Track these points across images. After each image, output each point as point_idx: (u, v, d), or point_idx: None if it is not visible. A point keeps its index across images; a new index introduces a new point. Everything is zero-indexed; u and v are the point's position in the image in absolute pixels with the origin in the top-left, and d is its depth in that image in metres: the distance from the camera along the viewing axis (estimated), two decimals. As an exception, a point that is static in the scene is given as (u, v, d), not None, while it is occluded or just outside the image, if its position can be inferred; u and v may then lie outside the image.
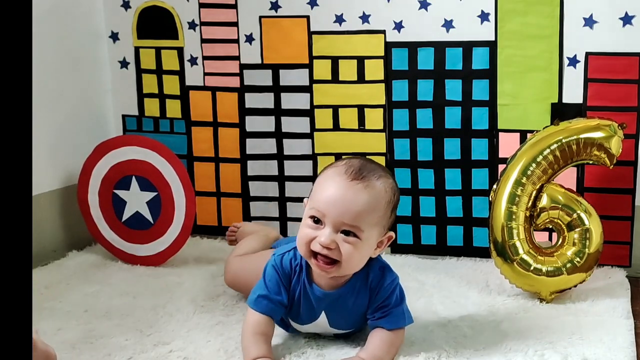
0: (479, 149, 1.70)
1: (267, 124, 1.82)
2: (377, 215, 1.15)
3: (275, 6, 1.76)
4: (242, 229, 1.63)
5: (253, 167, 1.85)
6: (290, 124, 1.81)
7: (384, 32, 1.71)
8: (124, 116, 1.92)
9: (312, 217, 1.14)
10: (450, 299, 1.46)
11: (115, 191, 1.69)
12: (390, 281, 1.21)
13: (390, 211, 1.17)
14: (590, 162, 1.47)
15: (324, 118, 1.78)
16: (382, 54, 1.72)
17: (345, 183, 1.13)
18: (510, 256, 1.44)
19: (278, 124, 1.81)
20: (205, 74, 1.84)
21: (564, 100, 1.63)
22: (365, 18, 1.71)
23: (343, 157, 1.23)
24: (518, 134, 1.67)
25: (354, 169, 1.15)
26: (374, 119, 1.75)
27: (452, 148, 1.71)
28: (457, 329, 1.31)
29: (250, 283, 1.36)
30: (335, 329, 1.25)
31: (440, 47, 1.68)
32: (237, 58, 1.81)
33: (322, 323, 1.24)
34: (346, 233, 1.13)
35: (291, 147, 1.81)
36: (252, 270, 1.37)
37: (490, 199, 1.49)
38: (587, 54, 1.60)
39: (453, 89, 1.69)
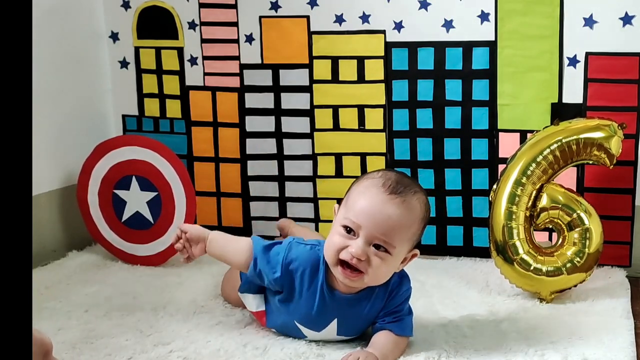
0: (479, 149, 1.70)
1: (267, 124, 1.82)
2: (411, 232, 1.15)
3: (275, 6, 1.76)
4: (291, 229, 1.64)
5: (253, 167, 1.85)
6: (290, 124, 1.80)
7: (384, 32, 1.71)
8: (124, 116, 1.92)
9: (345, 226, 1.14)
10: (450, 299, 1.46)
11: (115, 191, 1.69)
12: (406, 289, 1.23)
13: (422, 227, 1.18)
14: (590, 162, 1.47)
15: (324, 118, 1.78)
16: (382, 54, 1.72)
17: (383, 197, 1.12)
18: (510, 256, 1.44)
19: (278, 124, 1.81)
20: (205, 74, 1.84)
21: (564, 100, 1.63)
22: (365, 18, 1.71)
23: (381, 169, 1.22)
24: (518, 134, 1.67)
25: (392, 182, 1.14)
26: (374, 119, 1.75)
27: (452, 148, 1.71)
28: (457, 329, 1.31)
29: (229, 295, 1.42)
30: (341, 336, 1.25)
31: (440, 47, 1.68)
32: (237, 58, 1.81)
33: (330, 331, 1.23)
34: (377, 247, 1.13)
35: (291, 147, 1.81)
36: (231, 283, 1.40)
37: (490, 199, 1.49)
38: (587, 54, 1.60)
39: (453, 89, 1.69)
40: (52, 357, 0.82)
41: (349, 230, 1.14)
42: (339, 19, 1.73)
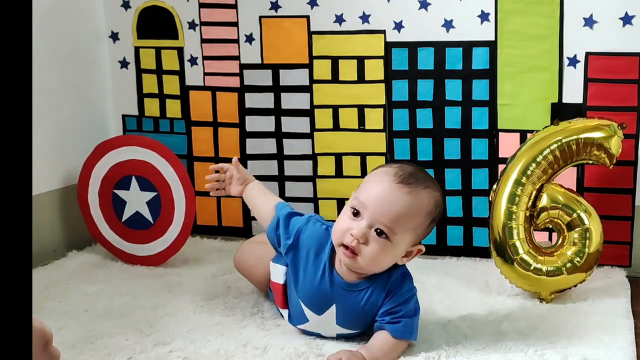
0: (479, 149, 1.70)
1: (267, 124, 1.82)
2: (414, 222, 1.17)
3: (275, 6, 1.76)
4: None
5: (253, 167, 1.85)
6: (290, 124, 1.81)
7: (384, 32, 1.71)
8: (124, 116, 1.92)
9: (353, 208, 1.18)
10: (450, 299, 1.46)
11: (115, 191, 1.69)
12: (408, 289, 1.23)
13: (428, 222, 1.19)
14: (590, 162, 1.47)
15: (324, 118, 1.78)
16: (382, 54, 1.72)
17: (392, 184, 1.16)
18: (510, 256, 1.44)
19: (278, 124, 1.81)
20: (205, 74, 1.84)
21: (564, 100, 1.63)
22: (365, 18, 1.71)
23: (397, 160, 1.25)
24: (518, 134, 1.67)
25: (404, 173, 1.17)
26: (374, 119, 1.75)
27: (452, 148, 1.71)
28: (457, 329, 1.31)
29: (253, 269, 1.44)
30: (341, 327, 1.25)
31: (440, 47, 1.68)
32: (237, 58, 1.81)
33: (329, 317, 1.24)
34: (380, 233, 1.15)
35: (291, 147, 1.81)
36: (258, 257, 1.42)
37: (490, 198, 1.49)
38: (587, 54, 1.60)
39: (453, 89, 1.69)
40: (53, 347, 0.82)
41: (355, 212, 1.17)
42: (339, 19, 1.73)
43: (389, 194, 1.15)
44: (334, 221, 1.23)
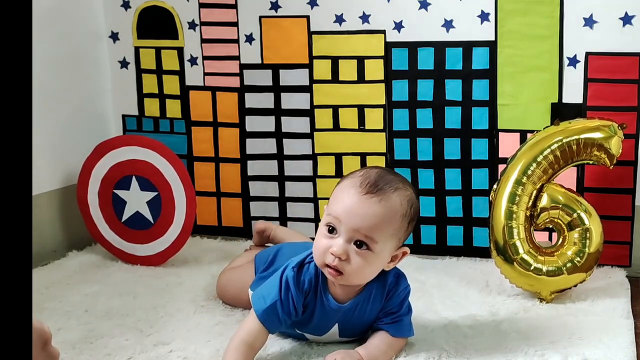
0: (479, 149, 1.70)
1: (267, 124, 1.82)
2: (392, 228, 1.14)
3: (275, 6, 1.76)
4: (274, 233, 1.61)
5: (253, 167, 1.85)
6: (290, 124, 1.81)
7: (384, 32, 1.71)
8: (124, 116, 1.92)
9: (328, 225, 1.14)
10: (450, 299, 1.47)
11: (115, 191, 1.69)
12: (403, 288, 1.22)
13: (407, 224, 1.16)
14: (591, 162, 1.47)
15: (324, 118, 1.78)
16: (382, 54, 1.72)
17: (359, 197, 1.12)
18: (510, 256, 1.44)
19: (278, 124, 1.81)
20: (205, 74, 1.84)
21: (564, 100, 1.63)
22: (365, 18, 1.71)
23: (363, 167, 1.21)
24: (518, 134, 1.66)
25: (370, 181, 1.13)
26: (374, 119, 1.75)
27: (452, 148, 1.71)
28: (457, 329, 1.31)
29: (235, 296, 1.41)
30: (344, 338, 1.25)
31: (440, 47, 1.68)
32: (237, 58, 1.81)
33: (332, 335, 1.23)
34: (359, 245, 1.12)
35: (291, 147, 1.81)
36: (236, 283, 1.40)
37: (491, 198, 1.49)
38: (587, 54, 1.60)
39: (453, 89, 1.69)
40: (52, 346, 0.82)
41: (331, 229, 1.14)
42: (339, 19, 1.73)
43: (359, 207, 1.11)
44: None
